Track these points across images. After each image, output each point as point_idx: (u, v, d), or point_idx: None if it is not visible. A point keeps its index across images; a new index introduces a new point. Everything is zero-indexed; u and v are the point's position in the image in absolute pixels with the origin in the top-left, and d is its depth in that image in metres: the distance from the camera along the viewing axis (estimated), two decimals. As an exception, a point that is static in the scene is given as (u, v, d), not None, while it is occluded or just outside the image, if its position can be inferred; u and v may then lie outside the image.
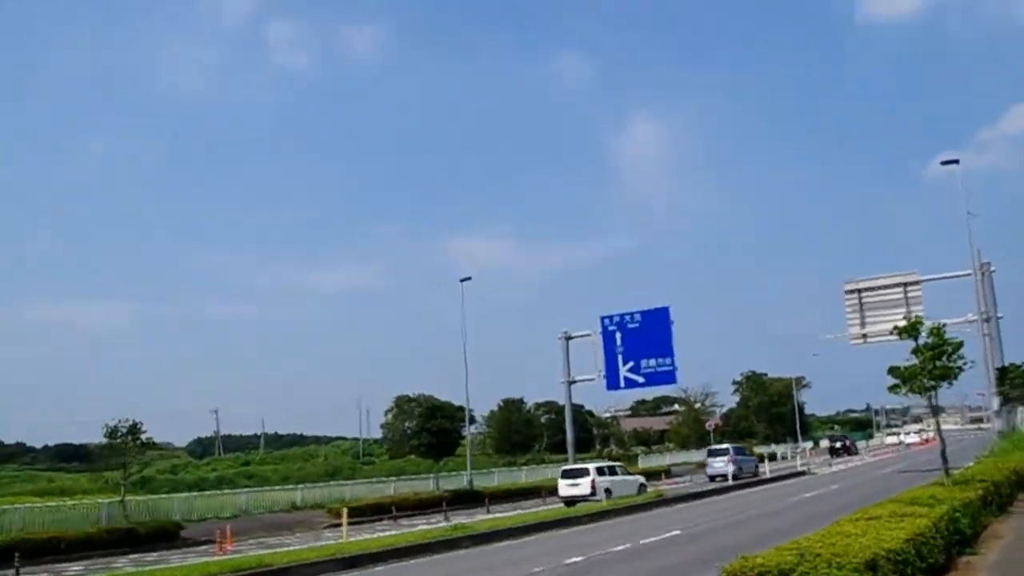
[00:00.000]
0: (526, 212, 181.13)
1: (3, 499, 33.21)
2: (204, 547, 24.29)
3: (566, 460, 73.14)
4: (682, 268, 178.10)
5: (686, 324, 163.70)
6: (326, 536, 26.23)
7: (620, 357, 43.56)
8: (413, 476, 42.78)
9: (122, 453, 27.01)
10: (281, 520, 30.80)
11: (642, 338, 42.85)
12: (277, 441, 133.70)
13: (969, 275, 36.16)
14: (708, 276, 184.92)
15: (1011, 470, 18.97)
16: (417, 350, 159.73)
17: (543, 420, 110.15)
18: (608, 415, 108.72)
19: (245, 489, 36.56)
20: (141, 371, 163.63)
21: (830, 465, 47.99)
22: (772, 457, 60.09)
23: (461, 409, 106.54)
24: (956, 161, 35.97)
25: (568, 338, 46.30)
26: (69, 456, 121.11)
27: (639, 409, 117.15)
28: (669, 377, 42.56)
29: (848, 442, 70.96)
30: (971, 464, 21.45)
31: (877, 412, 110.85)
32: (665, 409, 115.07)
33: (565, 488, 31.99)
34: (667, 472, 52.28)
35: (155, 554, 23.21)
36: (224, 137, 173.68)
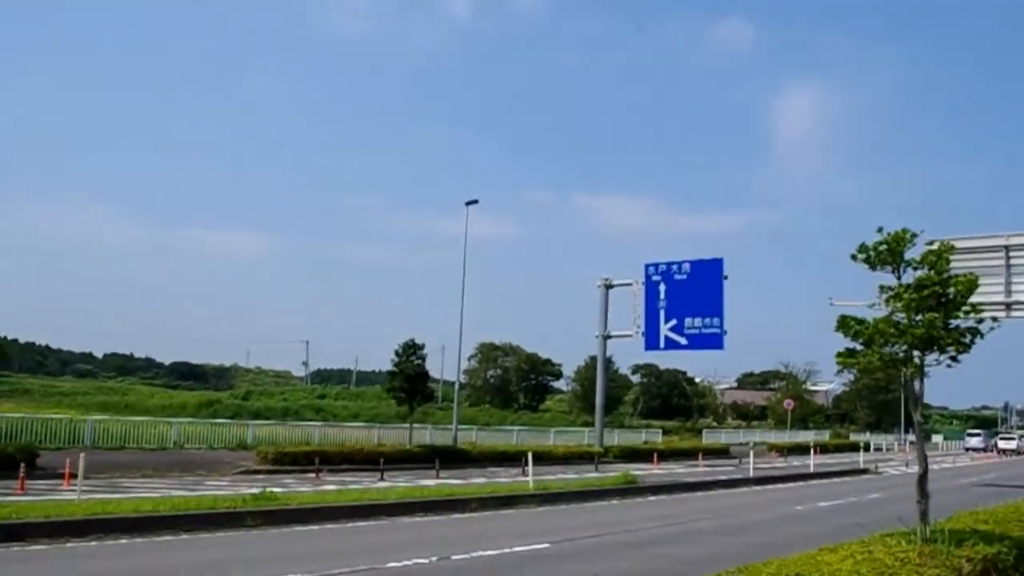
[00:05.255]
0: (670, 178, 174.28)
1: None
2: (50, 482, 20.14)
3: (648, 426, 67.45)
4: (820, 244, 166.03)
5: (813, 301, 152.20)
6: (207, 483, 21.64)
7: (662, 313, 36.79)
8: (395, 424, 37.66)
9: None
10: (199, 459, 26.43)
11: (689, 292, 35.92)
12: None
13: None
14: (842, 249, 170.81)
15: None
16: (537, 304, 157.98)
17: (639, 382, 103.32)
18: (707, 385, 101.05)
19: (180, 419, 32.37)
20: (270, 300, 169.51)
21: (906, 465, 39.27)
22: (866, 448, 52.52)
23: (548, 363, 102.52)
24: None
25: (608, 286, 39.62)
26: (185, 374, 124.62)
27: (744, 381, 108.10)
28: (716, 341, 35.28)
29: (1018, 443, 68.05)
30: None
31: (1006, 410, 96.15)
32: (773, 385, 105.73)
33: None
34: (724, 452, 44.94)
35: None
36: (376, 79, 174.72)
